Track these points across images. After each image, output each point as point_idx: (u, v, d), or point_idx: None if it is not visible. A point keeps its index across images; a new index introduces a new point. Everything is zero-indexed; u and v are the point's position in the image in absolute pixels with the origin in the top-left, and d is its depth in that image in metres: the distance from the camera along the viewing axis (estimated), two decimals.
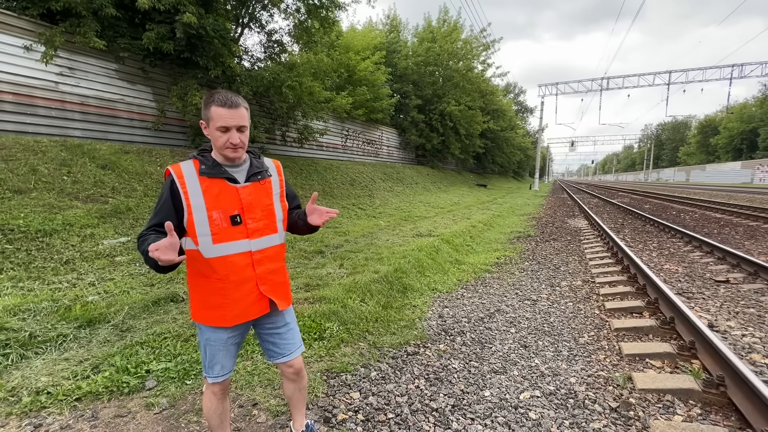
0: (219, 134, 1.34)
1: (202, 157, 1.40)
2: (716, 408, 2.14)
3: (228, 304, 1.40)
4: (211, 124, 1.35)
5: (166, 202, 1.33)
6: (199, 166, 1.38)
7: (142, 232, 1.32)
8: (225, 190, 1.38)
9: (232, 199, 1.39)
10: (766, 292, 4.15)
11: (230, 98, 1.33)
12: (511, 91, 51.32)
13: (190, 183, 1.34)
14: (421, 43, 23.29)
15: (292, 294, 3.81)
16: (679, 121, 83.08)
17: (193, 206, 1.33)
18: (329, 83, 13.34)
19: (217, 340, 1.46)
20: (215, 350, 1.47)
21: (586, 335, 3.22)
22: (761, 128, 47.44)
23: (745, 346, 2.87)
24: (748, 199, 17.08)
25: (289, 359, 1.60)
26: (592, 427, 1.99)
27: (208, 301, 1.42)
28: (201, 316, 1.45)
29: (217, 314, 1.41)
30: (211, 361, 1.48)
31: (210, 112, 1.34)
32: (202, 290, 1.42)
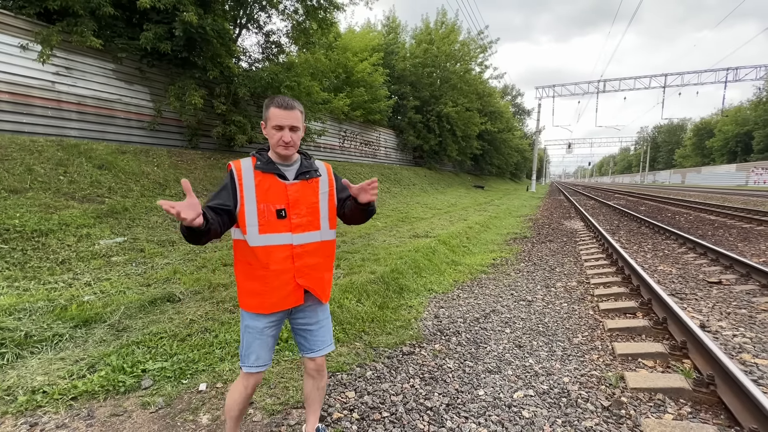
0: (274, 132, 1.48)
1: (259, 154, 1.54)
2: (706, 407, 2.17)
3: (267, 291, 1.51)
4: (268, 123, 1.49)
5: (224, 190, 1.48)
6: (255, 162, 1.51)
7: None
8: (274, 186, 1.50)
9: (280, 194, 1.50)
10: (758, 294, 4.20)
11: (287, 101, 1.48)
12: (508, 93, 51.54)
13: (246, 177, 1.47)
14: (419, 44, 23.37)
15: None
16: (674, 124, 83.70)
17: (245, 198, 1.46)
18: (327, 84, 13.37)
19: (254, 328, 1.55)
20: (252, 338, 1.55)
21: (580, 335, 3.25)
22: (756, 131, 47.87)
23: (735, 346, 2.91)
24: (743, 201, 17.22)
25: (314, 355, 1.68)
26: (584, 425, 2.02)
27: (250, 287, 1.53)
28: (244, 303, 1.55)
29: (257, 301, 1.52)
30: (248, 349, 1.56)
31: (269, 112, 1.48)
32: (246, 277, 1.53)
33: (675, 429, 1.94)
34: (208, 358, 2.60)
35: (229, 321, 3.15)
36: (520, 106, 54.54)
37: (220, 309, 3.42)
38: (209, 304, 3.54)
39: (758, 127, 47.48)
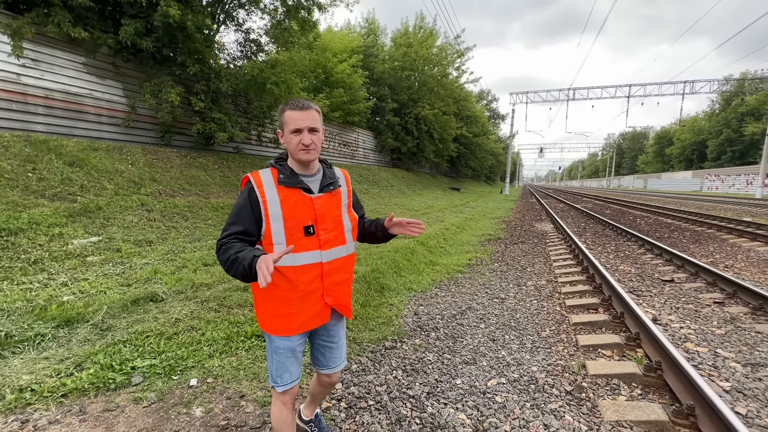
0: (292, 137, 1.37)
1: (280, 166, 1.42)
2: (654, 389, 2.46)
3: (294, 314, 1.42)
4: (285, 129, 1.38)
5: (245, 210, 1.35)
6: (277, 175, 1.40)
7: (224, 240, 1.32)
8: (301, 201, 1.40)
9: (307, 209, 1.40)
10: (704, 290, 4.65)
11: (302, 102, 1.38)
12: (484, 98, 52.84)
13: (269, 192, 1.36)
14: (398, 48, 23.68)
15: None
16: (638, 132, 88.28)
17: (271, 216, 1.35)
18: (307, 84, 13.37)
19: (285, 349, 1.46)
20: (283, 358, 1.47)
21: (548, 329, 3.52)
22: (709, 140, 51.30)
23: (681, 337, 3.26)
24: (697, 206, 18.51)
25: (331, 372, 1.66)
26: (550, 407, 2.25)
27: (275, 310, 1.42)
28: (269, 325, 1.45)
29: (284, 323, 1.43)
30: (279, 369, 1.48)
31: (284, 117, 1.38)
32: (270, 299, 1.42)
33: (626, 408, 2.20)
34: (197, 355, 2.67)
35: (215, 320, 3.21)
36: (495, 111, 56.02)
37: (205, 308, 3.46)
38: (193, 303, 3.58)
39: (712, 136, 50.91)
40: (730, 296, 4.37)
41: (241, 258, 1.22)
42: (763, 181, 27.86)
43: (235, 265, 1.23)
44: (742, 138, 44.95)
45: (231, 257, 1.24)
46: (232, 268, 1.24)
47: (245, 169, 10.54)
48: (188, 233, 6.31)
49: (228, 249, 1.27)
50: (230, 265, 1.24)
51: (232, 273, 1.24)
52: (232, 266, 1.24)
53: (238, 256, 1.23)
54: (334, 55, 16.87)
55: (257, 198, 1.35)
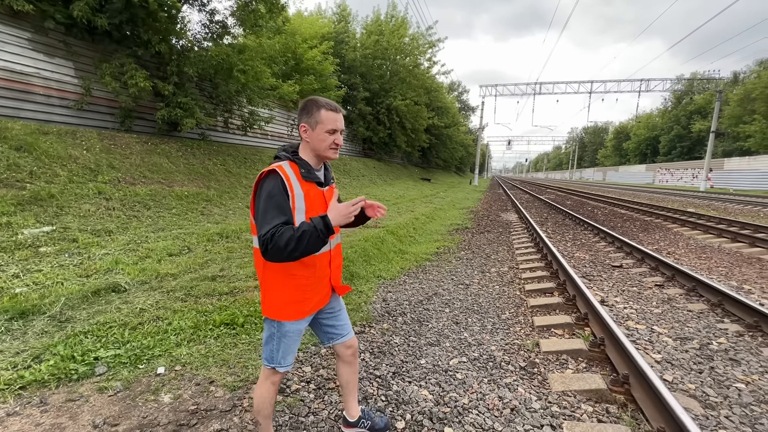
0: (326, 136, 1.45)
1: (298, 160, 1.48)
2: (597, 362, 2.72)
3: (308, 298, 1.52)
4: (318, 127, 1.45)
5: (283, 201, 1.38)
6: (298, 169, 1.46)
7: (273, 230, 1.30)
8: (317, 194, 1.50)
9: (321, 201, 1.51)
10: (648, 275, 5.08)
11: (335, 104, 1.47)
12: (454, 89, 53.43)
13: (295, 186, 1.42)
14: (370, 35, 23.43)
15: (242, 283, 3.91)
16: (598, 126, 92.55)
17: (297, 208, 1.42)
18: (276, 69, 13.00)
19: (295, 332, 1.55)
20: (291, 341, 1.56)
21: (508, 312, 3.75)
22: (662, 136, 54.68)
23: (624, 316, 3.59)
24: (648, 197, 19.83)
25: (348, 338, 1.75)
26: (505, 381, 2.45)
27: (291, 297, 1.49)
28: (282, 312, 1.50)
29: (298, 308, 1.51)
30: (286, 352, 1.56)
31: (319, 115, 1.44)
32: (286, 288, 1.48)
33: (572, 380, 2.43)
34: (164, 344, 2.66)
35: (182, 309, 3.19)
36: (465, 103, 56.86)
37: (171, 298, 3.42)
38: (159, 293, 3.52)
39: (664, 132, 54.28)
40: (669, 279, 4.81)
41: (308, 229, 1.31)
42: (707, 175, 30.16)
43: (305, 239, 1.29)
44: (690, 134, 48.27)
45: (294, 236, 1.29)
46: (300, 245, 1.30)
47: (211, 157, 10.21)
48: (151, 222, 6.10)
49: (282, 234, 1.30)
50: (296, 242, 1.29)
51: (302, 249, 1.31)
52: (300, 242, 1.29)
53: (304, 230, 1.30)
54: (304, 40, 16.46)
55: (287, 190, 1.40)
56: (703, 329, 3.32)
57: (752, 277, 5.00)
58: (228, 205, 8.35)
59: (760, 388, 2.42)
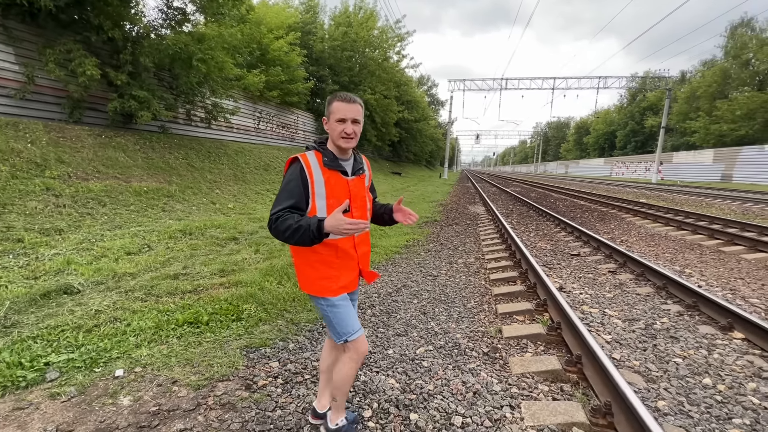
0: (336, 125, 1.53)
1: (323, 150, 1.59)
2: (554, 345, 2.89)
3: (337, 275, 1.61)
4: (331, 117, 1.55)
5: (296, 186, 1.50)
6: (321, 158, 1.56)
7: (278, 213, 1.45)
8: (340, 182, 1.58)
9: (344, 189, 1.59)
10: (602, 262, 5.40)
11: (349, 96, 1.56)
12: (424, 84, 53.76)
13: (316, 174, 1.52)
14: (338, 27, 23.10)
15: (206, 281, 3.81)
16: (561, 121, 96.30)
17: (317, 194, 1.52)
18: (241, 60, 12.56)
19: (343, 299, 1.63)
20: (344, 308, 1.63)
21: (473, 301, 3.89)
22: (618, 131, 57.71)
23: (580, 301, 3.81)
24: (605, 189, 20.96)
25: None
26: (469, 367, 2.55)
27: (320, 272, 1.60)
28: (318, 288, 1.60)
29: (331, 284, 1.60)
30: (345, 318, 1.62)
31: (332, 106, 1.54)
32: (314, 263, 1.59)
33: (530, 362, 2.57)
34: (122, 345, 2.56)
35: (141, 309, 3.07)
36: (434, 97, 57.40)
37: (129, 298, 3.28)
38: (116, 293, 3.37)
39: (620, 127, 57.29)
40: (621, 266, 5.14)
41: (305, 225, 1.40)
42: (657, 168, 32.22)
43: (299, 233, 1.40)
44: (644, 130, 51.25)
45: (293, 226, 1.40)
46: (295, 236, 1.40)
47: (172, 151, 9.77)
48: (107, 220, 5.79)
49: (285, 220, 1.43)
50: (292, 233, 1.40)
51: (296, 240, 1.42)
52: (295, 234, 1.40)
53: (301, 224, 1.40)
54: (269, 30, 15.99)
55: (306, 177, 1.51)
56: (649, 311, 3.59)
57: (693, 262, 5.44)
58: (191, 200, 8.04)
59: (695, 362, 2.66)
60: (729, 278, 4.67)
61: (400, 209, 1.78)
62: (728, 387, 2.37)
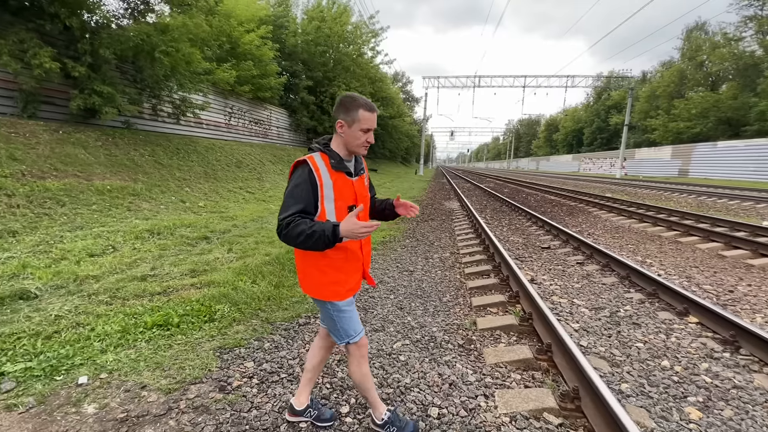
0: (361, 134, 1.55)
1: (329, 152, 1.57)
2: (526, 335, 2.99)
3: (346, 279, 1.62)
4: (355, 125, 1.54)
5: (306, 191, 1.47)
6: (328, 160, 1.54)
7: (288, 219, 1.43)
8: (346, 184, 1.59)
9: (350, 190, 1.60)
10: (571, 254, 5.62)
11: (372, 104, 1.56)
12: (399, 80, 53.86)
13: (324, 177, 1.51)
14: (311, 21, 22.73)
15: (177, 282, 3.69)
16: (532, 119, 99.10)
17: (325, 197, 1.51)
18: (210, 54, 12.10)
19: (349, 304, 1.65)
20: (350, 312, 1.65)
21: (449, 295, 3.96)
22: (585, 128, 60.06)
23: (550, 292, 3.96)
24: (574, 185, 21.78)
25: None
26: (444, 359, 2.60)
27: (330, 277, 1.59)
28: (327, 292, 1.59)
29: (340, 288, 1.60)
30: (350, 322, 1.65)
31: (357, 114, 1.52)
32: (324, 267, 1.58)
33: (503, 352, 2.65)
34: (86, 351, 2.44)
35: (107, 313, 2.93)
36: (409, 94, 57.63)
37: (93, 302, 3.13)
38: (78, 298, 3.20)
39: (587, 125, 59.63)
40: (588, 257, 5.37)
41: (319, 230, 1.39)
42: (621, 164, 33.76)
43: (313, 238, 1.39)
44: (609, 127, 53.53)
45: (306, 231, 1.39)
46: (308, 241, 1.40)
47: (137, 147, 9.34)
48: (67, 221, 5.48)
49: (297, 225, 1.41)
50: (306, 238, 1.39)
51: (309, 245, 1.41)
52: (308, 239, 1.39)
53: (315, 230, 1.39)
54: (240, 23, 15.51)
55: (315, 180, 1.49)
56: (614, 299, 3.77)
57: (653, 252, 5.76)
58: (159, 199, 7.74)
59: (654, 346, 2.82)
60: (685, 267, 4.97)
61: (401, 203, 1.82)
62: (684, 368, 2.53)
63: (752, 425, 1.98)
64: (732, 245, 5.90)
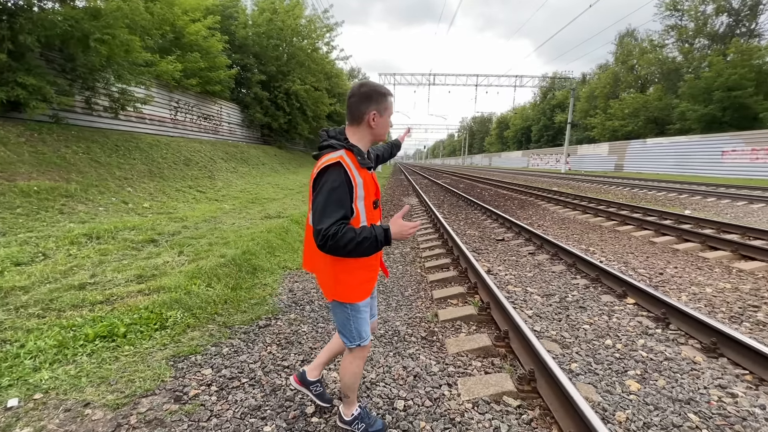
0: (389, 121, 1.55)
1: (352, 147, 1.49)
2: (484, 324, 3.12)
3: (373, 277, 1.64)
4: (385, 113, 1.52)
5: (346, 194, 1.41)
6: (354, 158, 1.48)
7: (336, 228, 1.35)
8: (370, 179, 1.56)
9: (373, 185, 1.58)
10: (523, 245, 5.93)
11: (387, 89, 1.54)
12: (355, 76, 53.52)
13: (356, 176, 1.45)
14: (262, 13, 21.91)
15: (122, 289, 3.44)
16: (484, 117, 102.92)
17: (358, 196, 1.46)
18: (152, 43, 11.24)
19: (366, 306, 1.65)
20: (364, 316, 1.64)
21: (410, 289, 4.02)
22: (533, 126, 63.42)
23: (505, 282, 4.15)
24: (524, 179, 22.96)
25: (374, 319, 1.90)
26: (408, 352, 2.64)
27: (362, 277, 1.57)
28: (355, 294, 1.56)
29: (368, 287, 1.61)
30: (363, 326, 1.65)
31: (387, 101, 1.51)
32: (359, 270, 1.55)
33: (464, 342, 2.74)
34: (15, 371, 2.19)
35: (39, 327, 2.65)
36: None
37: (22, 315, 2.81)
38: (2, 312, 2.86)
39: (534, 123, 63.00)
40: (539, 248, 5.70)
41: (370, 236, 1.38)
42: (565, 159, 36.10)
43: (364, 245, 1.37)
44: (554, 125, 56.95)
45: (355, 239, 1.36)
46: (359, 248, 1.37)
47: (70, 144, 8.50)
48: None
49: (345, 234, 1.35)
50: (356, 245, 1.36)
51: (358, 252, 1.38)
52: (359, 246, 1.36)
53: (365, 236, 1.37)
54: (184, 12, 14.57)
55: (351, 182, 1.43)
56: (562, 285, 4.04)
57: (595, 241, 6.23)
58: (97, 200, 7.11)
59: (599, 326, 3.06)
60: (623, 253, 5.44)
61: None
62: (624, 345, 2.78)
63: (681, 391, 2.22)
64: (661, 232, 6.54)
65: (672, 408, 2.07)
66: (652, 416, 2.01)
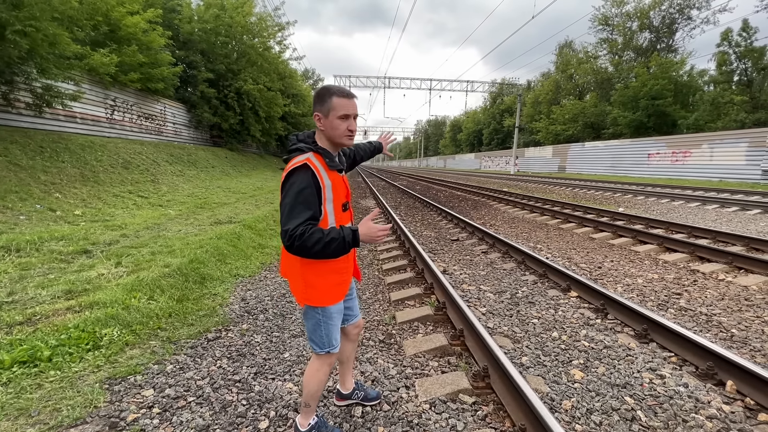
0: (339, 122, 1.48)
1: (321, 150, 1.50)
2: (441, 323, 3.17)
3: (345, 280, 1.64)
4: (331, 114, 1.48)
5: (313, 196, 1.41)
6: (323, 159, 1.49)
7: (302, 228, 1.34)
8: (340, 181, 1.55)
9: (343, 188, 1.58)
10: (477, 245, 6.14)
11: (347, 90, 1.50)
12: (310, 77, 52.71)
13: (325, 178, 1.46)
14: (208, 8, 20.86)
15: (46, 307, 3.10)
16: (439, 120, 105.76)
17: (327, 199, 1.46)
18: (82, 35, 10.26)
19: (338, 312, 1.64)
20: (335, 321, 1.64)
21: (368, 292, 4.00)
22: (484, 129, 66.22)
23: (460, 281, 4.27)
24: (477, 181, 23.86)
25: (358, 318, 1.93)
26: (366, 357, 2.62)
27: (333, 281, 1.57)
28: (326, 297, 1.56)
29: (340, 290, 1.61)
30: (333, 332, 1.63)
31: (331, 102, 1.46)
32: (328, 273, 1.55)
33: (421, 342, 2.77)
34: None
35: None
36: None
37: None
38: None
39: (485, 126, 65.81)
40: (491, 246, 5.93)
41: (338, 237, 1.37)
42: (514, 161, 38.05)
43: (332, 246, 1.36)
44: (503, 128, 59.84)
45: (323, 240, 1.35)
46: (326, 250, 1.36)
47: None
48: None
49: (312, 234, 1.35)
50: (323, 246, 1.35)
51: (326, 253, 1.37)
52: (326, 248, 1.35)
53: (333, 237, 1.37)
54: (119, 3, 13.50)
55: (319, 183, 1.44)
56: (513, 282, 4.23)
57: (542, 239, 6.60)
58: (17, 208, 6.35)
59: (546, 320, 3.24)
60: (566, 249, 5.81)
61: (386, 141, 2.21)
62: (569, 336, 2.95)
63: (618, 377, 2.40)
64: (599, 229, 7.08)
65: (611, 393, 2.23)
66: (594, 402, 2.15)
